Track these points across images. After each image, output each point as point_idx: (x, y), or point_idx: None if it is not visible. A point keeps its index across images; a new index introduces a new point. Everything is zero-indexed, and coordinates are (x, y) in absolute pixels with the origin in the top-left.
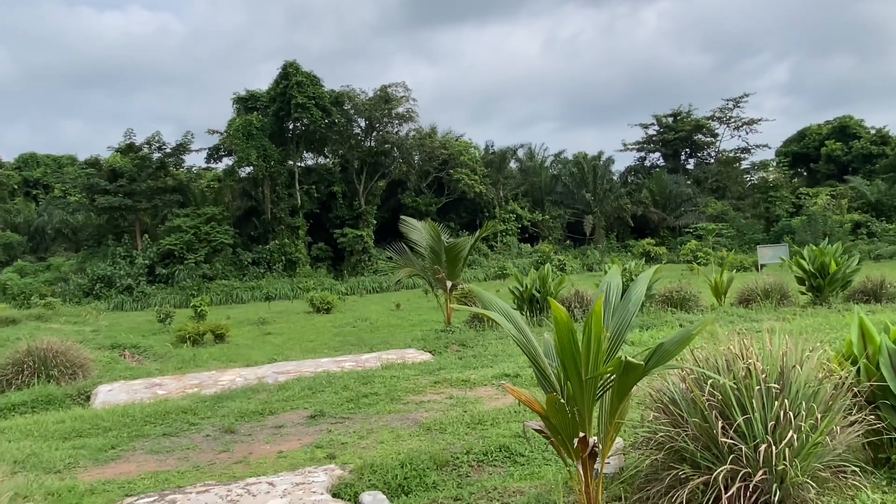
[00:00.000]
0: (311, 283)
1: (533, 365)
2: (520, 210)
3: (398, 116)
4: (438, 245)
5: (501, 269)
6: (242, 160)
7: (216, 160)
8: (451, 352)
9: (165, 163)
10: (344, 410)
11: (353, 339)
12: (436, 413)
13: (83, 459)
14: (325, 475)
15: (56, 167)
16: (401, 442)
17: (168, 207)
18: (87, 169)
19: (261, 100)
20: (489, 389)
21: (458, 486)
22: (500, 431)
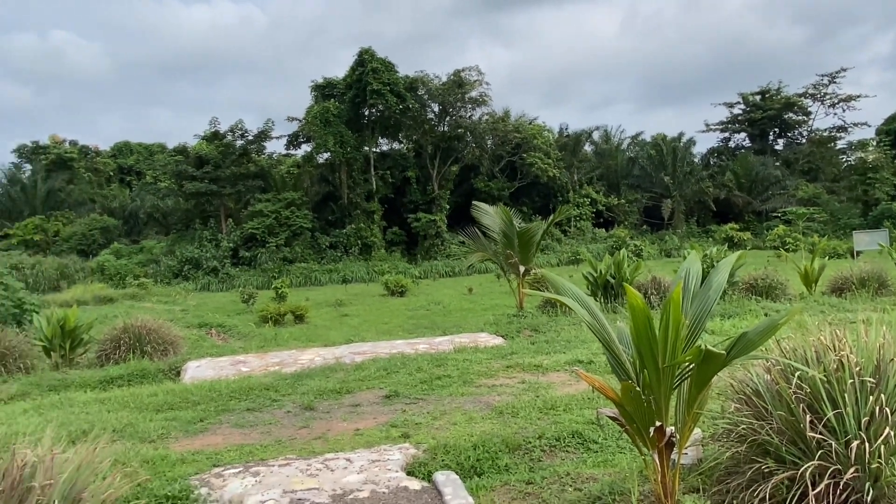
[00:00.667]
0: (386, 267)
1: (607, 352)
2: (594, 194)
3: (471, 101)
4: (511, 230)
5: (575, 254)
6: (320, 146)
7: (295, 147)
8: (524, 336)
9: (248, 149)
10: (418, 392)
11: (427, 322)
12: (508, 397)
13: (174, 430)
14: (399, 453)
15: (147, 155)
16: (473, 424)
17: (250, 193)
18: (175, 156)
19: (337, 87)
20: (562, 375)
21: (530, 470)
22: (573, 417)
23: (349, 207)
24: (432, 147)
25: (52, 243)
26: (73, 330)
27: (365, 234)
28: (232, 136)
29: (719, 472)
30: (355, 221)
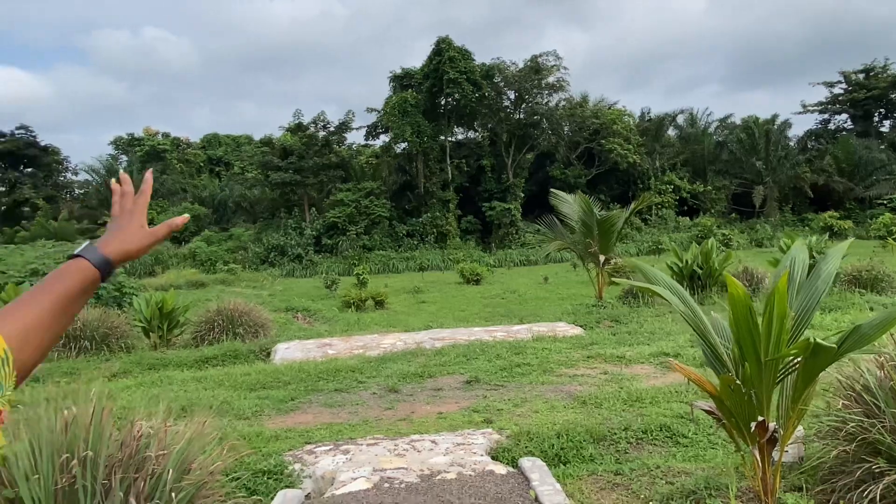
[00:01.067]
0: (461, 255)
1: (702, 343)
2: (678, 181)
3: (548, 87)
4: (590, 218)
5: (656, 243)
6: (398, 136)
7: (374, 137)
8: (604, 327)
9: (329, 140)
10: (498, 378)
11: (503, 310)
12: (590, 387)
13: (267, 409)
14: (483, 438)
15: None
16: (555, 413)
17: (332, 182)
18: (261, 147)
19: (415, 77)
20: (646, 367)
21: (616, 462)
22: (660, 410)
23: (425, 196)
24: (507, 135)
25: None
26: (170, 312)
27: (440, 222)
28: (315, 128)
29: (823, 471)
30: (431, 210)
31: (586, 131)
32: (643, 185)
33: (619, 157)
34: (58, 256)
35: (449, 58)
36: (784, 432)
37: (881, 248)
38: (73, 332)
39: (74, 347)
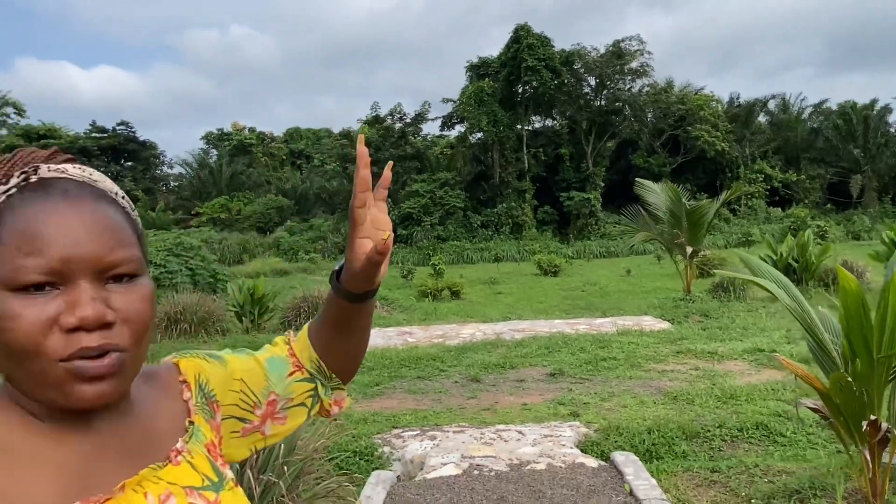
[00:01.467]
0: (537, 246)
1: (809, 339)
2: (769, 170)
3: (631, 72)
4: (679, 208)
5: (745, 235)
6: (474, 126)
7: (449, 127)
8: (693, 322)
9: (406, 132)
10: (583, 371)
11: (583, 302)
12: (680, 383)
13: (354, 393)
14: (570, 431)
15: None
16: (645, 408)
17: (407, 174)
18: (340, 140)
19: (492, 66)
20: (739, 364)
21: (711, 459)
22: (756, 408)
23: (501, 186)
24: (587, 123)
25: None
26: (260, 298)
27: (516, 212)
28: (391, 120)
29: None
30: (507, 200)
31: (671, 118)
32: (732, 174)
33: (707, 144)
34: (158, 244)
35: (527, 45)
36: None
37: None
38: (173, 315)
39: (175, 330)
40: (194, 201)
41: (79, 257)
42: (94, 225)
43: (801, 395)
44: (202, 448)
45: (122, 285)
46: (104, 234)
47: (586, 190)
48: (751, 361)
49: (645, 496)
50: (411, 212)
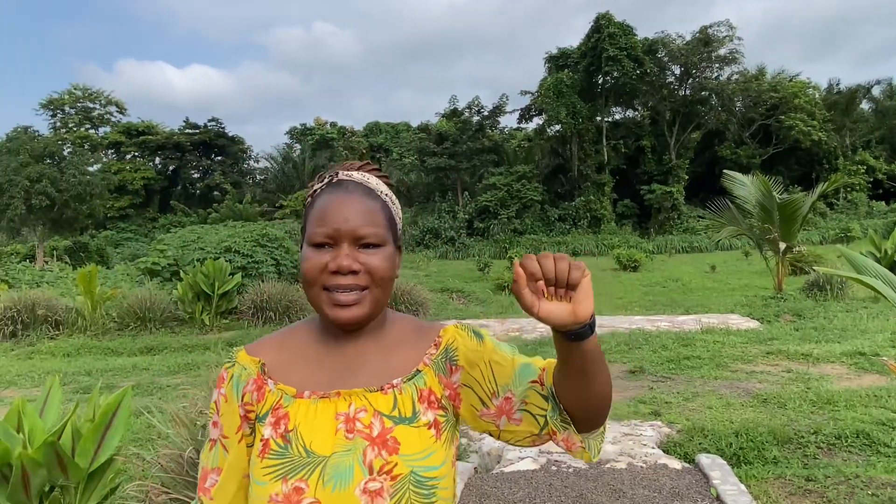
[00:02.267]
0: (616, 241)
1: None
2: (872, 160)
3: (719, 59)
4: (770, 202)
5: (844, 230)
6: (552, 118)
7: (527, 120)
8: (784, 321)
9: (483, 125)
10: (664, 370)
11: (664, 299)
12: (771, 385)
13: None
14: (652, 430)
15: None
16: (731, 410)
17: (484, 167)
18: (418, 134)
19: (572, 56)
20: (837, 367)
21: (805, 467)
22: (856, 415)
23: (579, 179)
24: (671, 113)
25: None
26: None
27: (594, 206)
28: (469, 113)
29: None
30: (585, 194)
31: (762, 107)
32: (829, 165)
33: (801, 134)
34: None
35: (609, 34)
36: None
37: None
38: (259, 302)
39: (261, 317)
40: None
41: (343, 230)
42: (357, 210)
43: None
44: (415, 391)
45: (369, 250)
46: (362, 216)
47: (668, 183)
48: (850, 365)
49: (733, 502)
50: (488, 205)
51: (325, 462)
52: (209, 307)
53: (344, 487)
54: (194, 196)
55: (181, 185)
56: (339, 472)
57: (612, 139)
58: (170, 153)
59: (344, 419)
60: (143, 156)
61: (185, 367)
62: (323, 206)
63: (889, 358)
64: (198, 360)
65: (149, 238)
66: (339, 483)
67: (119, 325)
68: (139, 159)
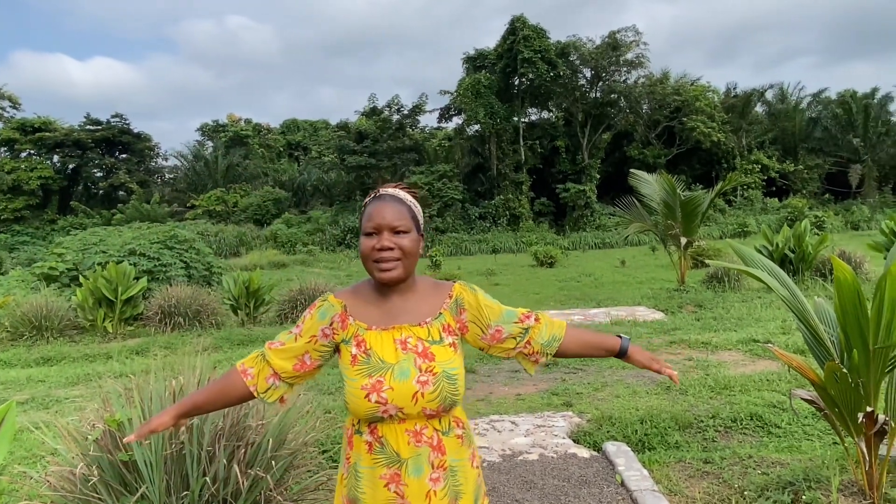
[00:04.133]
0: (534, 238)
1: (803, 329)
2: (766, 160)
3: (626, 63)
4: (673, 199)
5: (741, 226)
6: (471, 118)
7: (447, 119)
8: (687, 312)
9: (403, 124)
10: (576, 362)
11: (578, 293)
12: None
13: None
14: (563, 421)
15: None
16: (638, 398)
17: (405, 165)
18: (337, 132)
19: (489, 57)
20: (734, 354)
21: (704, 450)
22: (750, 399)
23: (498, 178)
24: (583, 114)
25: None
26: (256, 291)
27: (513, 204)
28: (389, 112)
29: None
30: (504, 192)
31: (667, 109)
32: (728, 164)
33: (702, 135)
34: (152, 237)
35: (523, 37)
36: (894, 424)
37: None
38: (167, 308)
39: (169, 323)
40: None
41: (383, 224)
42: (391, 212)
43: (795, 385)
44: (439, 325)
45: (399, 235)
46: (394, 215)
47: (582, 182)
48: (745, 352)
49: (636, 487)
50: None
51: (393, 367)
52: (112, 314)
53: (405, 379)
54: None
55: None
56: (402, 371)
57: (528, 139)
58: (69, 151)
59: (400, 342)
60: (39, 154)
61: (86, 378)
62: (370, 211)
63: (778, 345)
64: (100, 369)
65: (47, 241)
66: (403, 377)
67: (12, 334)
68: (35, 158)
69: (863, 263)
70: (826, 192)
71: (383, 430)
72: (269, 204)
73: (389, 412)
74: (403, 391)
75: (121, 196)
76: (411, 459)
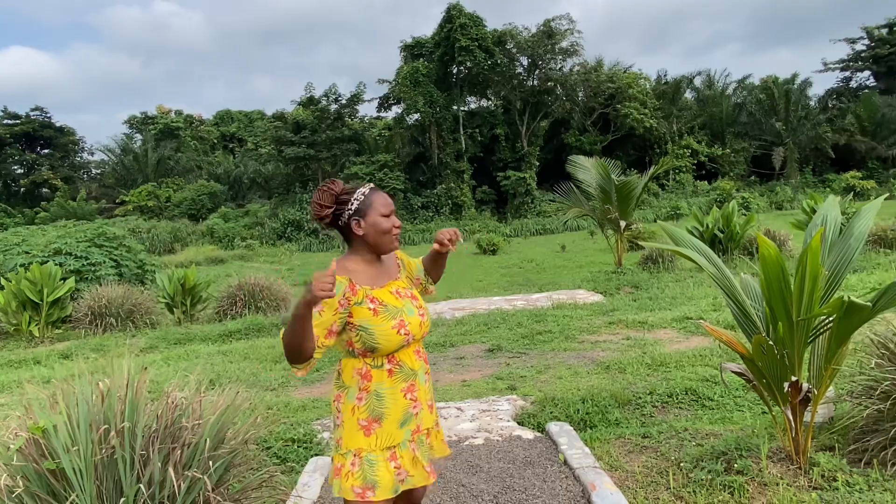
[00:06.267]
0: (477, 226)
1: (732, 304)
2: (695, 144)
3: (561, 51)
4: (608, 184)
5: (674, 208)
6: (410, 107)
7: (386, 109)
8: (624, 293)
9: (342, 113)
10: (520, 346)
11: (521, 279)
12: (613, 353)
13: (294, 380)
14: (508, 404)
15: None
16: (579, 379)
17: (346, 156)
18: (274, 122)
19: (426, 46)
20: (669, 332)
21: (643, 425)
22: (685, 374)
23: (439, 168)
24: (521, 102)
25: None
26: (192, 288)
27: (455, 193)
28: (326, 101)
29: (855, 430)
30: (445, 181)
31: (601, 96)
32: (660, 149)
33: (636, 121)
34: (79, 235)
35: (460, 25)
36: (817, 392)
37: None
38: (98, 309)
39: (100, 324)
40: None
41: (394, 208)
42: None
43: (726, 359)
44: (405, 276)
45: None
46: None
47: (522, 169)
48: (679, 329)
49: (578, 464)
50: None
51: (402, 309)
52: (38, 317)
53: (413, 315)
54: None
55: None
56: (409, 310)
57: (468, 128)
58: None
59: (395, 293)
60: None
61: (11, 386)
62: (384, 199)
63: (709, 321)
64: (26, 376)
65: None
66: (411, 314)
67: None
68: None
69: (787, 241)
70: (752, 174)
71: (400, 356)
72: (205, 198)
73: (409, 340)
74: (415, 323)
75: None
76: (419, 370)
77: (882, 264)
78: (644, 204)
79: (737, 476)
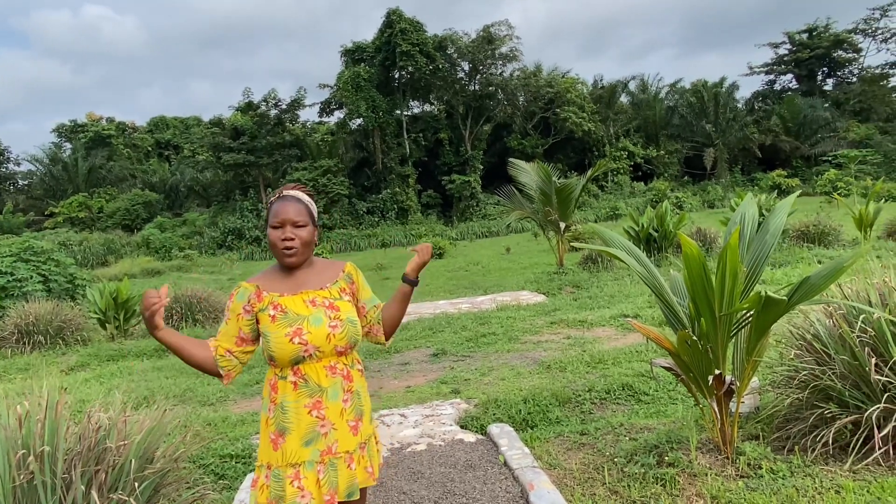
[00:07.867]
0: (423, 230)
1: (660, 302)
2: (632, 147)
3: (501, 57)
4: (549, 186)
5: (613, 209)
6: (353, 112)
7: (328, 114)
8: (566, 293)
9: (282, 119)
10: (464, 349)
11: (467, 282)
12: (554, 352)
13: (232, 394)
14: (451, 408)
15: (184, 128)
16: (521, 379)
17: (287, 162)
18: (211, 128)
19: (367, 50)
20: (607, 330)
21: (581, 422)
22: (622, 371)
23: (384, 172)
24: (464, 107)
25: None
26: (125, 302)
27: (401, 198)
28: (266, 106)
29: (779, 419)
30: (391, 186)
31: (541, 101)
32: (598, 152)
33: (574, 125)
34: (4, 250)
35: (400, 30)
36: (740, 384)
37: (826, 203)
38: (24, 326)
39: (28, 343)
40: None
41: (287, 219)
42: (292, 209)
43: (660, 355)
44: (337, 288)
45: (298, 228)
46: (295, 212)
47: (466, 173)
48: (617, 327)
49: (517, 465)
50: None
51: (307, 317)
52: None
53: (319, 325)
54: None
55: None
56: (316, 319)
57: (412, 132)
58: None
59: (308, 301)
60: None
61: None
62: (276, 209)
63: (644, 318)
64: None
65: None
66: (317, 324)
67: None
68: None
69: (717, 238)
70: (685, 174)
71: (305, 369)
72: (139, 208)
73: (310, 352)
74: (319, 334)
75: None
76: (330, 388)
77: (805, 258)
78: (584, 205)
79: (668, 468)
